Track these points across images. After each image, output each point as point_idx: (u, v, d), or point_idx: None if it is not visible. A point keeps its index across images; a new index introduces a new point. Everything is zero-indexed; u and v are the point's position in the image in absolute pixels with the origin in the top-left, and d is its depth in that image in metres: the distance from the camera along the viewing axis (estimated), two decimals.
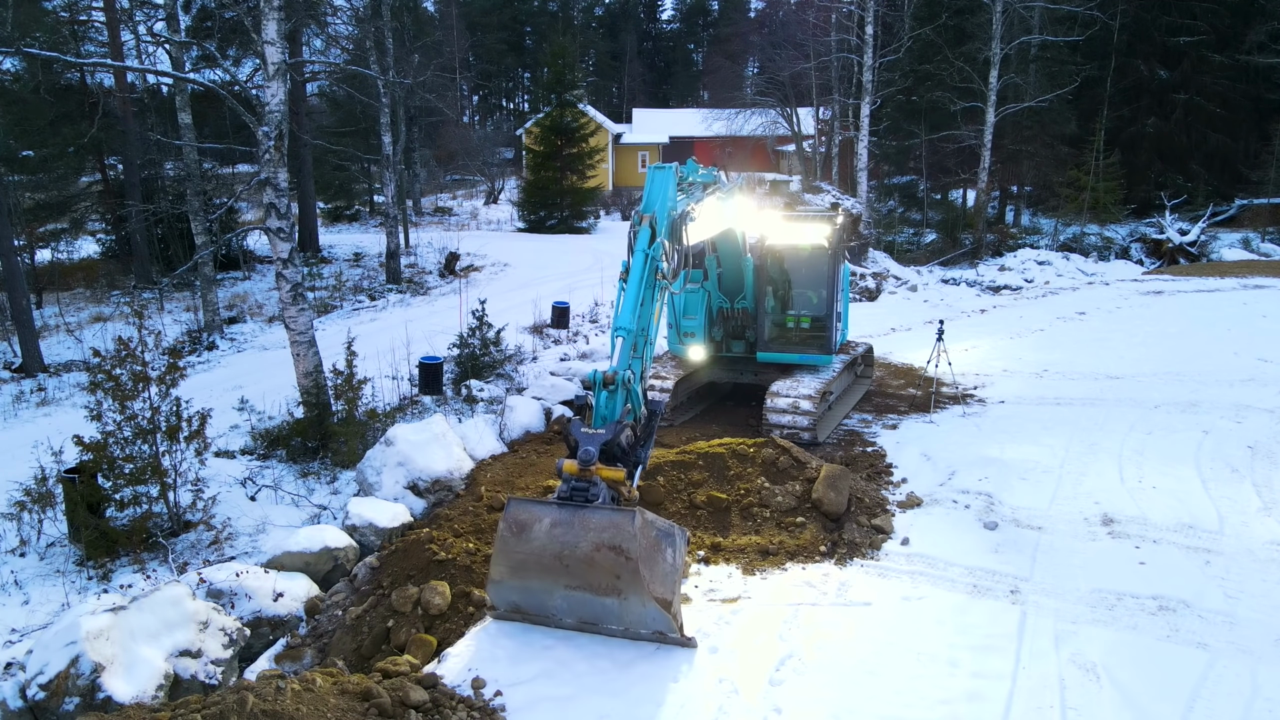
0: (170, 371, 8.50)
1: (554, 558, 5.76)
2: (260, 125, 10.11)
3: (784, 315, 11.52)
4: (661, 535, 5.91)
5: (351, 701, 5.01)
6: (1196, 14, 29.55)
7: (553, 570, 5.81)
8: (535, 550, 5.81)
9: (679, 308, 11.57)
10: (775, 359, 11.29)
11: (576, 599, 5.87)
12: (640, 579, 5.54)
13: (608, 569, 5.62)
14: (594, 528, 5.71)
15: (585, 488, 5.94)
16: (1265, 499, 8.53)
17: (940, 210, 31.73)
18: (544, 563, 5.81)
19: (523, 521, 5.90)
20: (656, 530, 5.87)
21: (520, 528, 5.89)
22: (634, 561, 5.53)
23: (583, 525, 5.74)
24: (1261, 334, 15.55)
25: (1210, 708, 5.46)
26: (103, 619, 5.75)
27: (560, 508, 5.90)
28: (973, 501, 8.59)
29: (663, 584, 5.77)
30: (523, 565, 5.89)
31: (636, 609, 5.72)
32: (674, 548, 5.94)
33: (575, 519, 5.79)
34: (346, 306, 21.76)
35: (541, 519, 5.88)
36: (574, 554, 5.71)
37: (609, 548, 5.62)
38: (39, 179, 24.36)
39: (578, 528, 5.75)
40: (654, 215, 7.21)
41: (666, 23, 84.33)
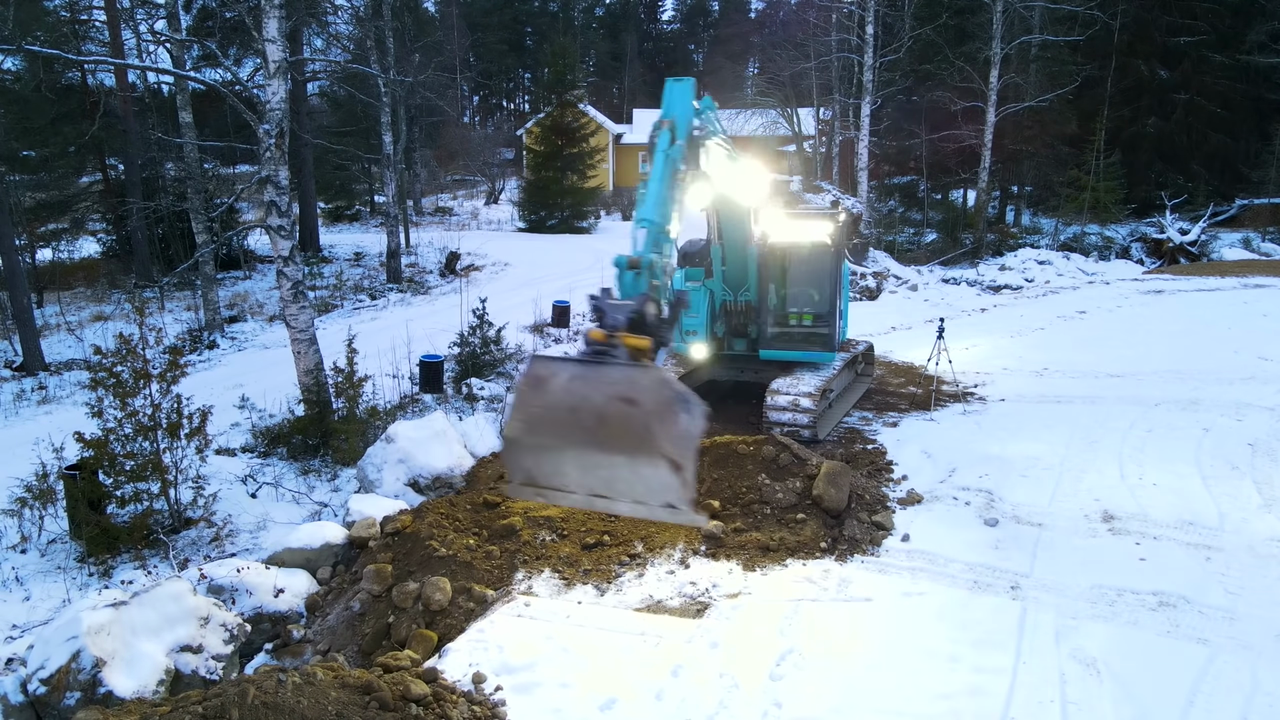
0: (171, 369, 8.50)
1: (568, 411, 5.55)
2: (261, 123, 10.12)
3: (786, 313, 11.50)
4: (679, 398, 5.56)
5: (352, 695, 5.02)
6: (1197, 14, 29.56)
7: (566, 425, 5.59)
8: (550, 404, 5.62)
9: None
10: (778, 357, 11.28)
11: (588, 461, 5.63)
12: (652, 434, 5.32)
13: (620, 422, 5.40)
14: (610, 380, 5.52)
15: (607, 350, 5.79)
16: (1265, 496, 8.53)
17: (940, 210, 31.73)
18: (558, 417, 5.60)
19: (541, 376, 5.68)
20: (674, 391, 5.54)
21: (538, 381, 5.67)
22: (646, 414, 5.32)
23: (599, 379, 5.57)
24: (1262, 332, 15.55)
25: (1210, 703, 5.46)
26: (104, 614, 5.75)
27: (580, 364, 5.74)
28: (973, 498, 8.59)
29: (675, 445, 5.42)
30: (537, 420, 5.68)
31: (646, 471, 5.46)
32: (690, 414, 5.56)
33: (593, 373, 5.61)
34: (347, 305, 21.78)
35: (559, 374, 5.66)
36: (588, 406, 5.49)
37: (623, 399, 5.40)
38: (40, 178, 24.40)
39: (594, 381, 5.57)
40: (674, 120, 7.21)
41: (667, 23, 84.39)
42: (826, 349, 11.09)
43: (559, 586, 7.03)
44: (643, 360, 5.72)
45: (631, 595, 6.90)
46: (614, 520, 7.97)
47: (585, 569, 7.24)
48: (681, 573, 7.18)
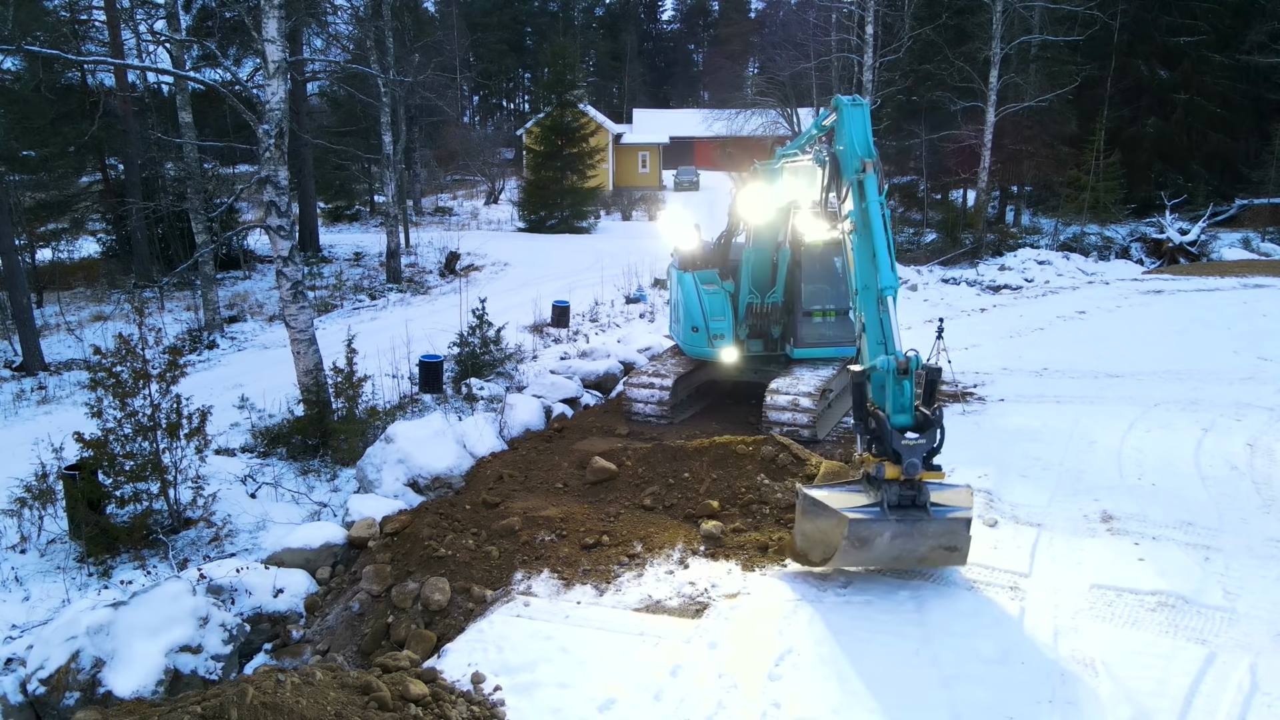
0: (171, 369, 8.49)
1: (892, 560, 6.67)
2: (261, 123, 10.12)
3: (813, 310, 11.42)
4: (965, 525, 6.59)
5: (351, 695, 5.02)
6: (1197, 14, 29.55)
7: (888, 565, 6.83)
8: (874, 557, 6.65)
9: (693, 309, 11.44)
10: (813, 354, 11.24)
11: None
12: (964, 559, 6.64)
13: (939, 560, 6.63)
14: (931, 535, 6.50)
15: (913, 495, 6.54)
16: (1264, 496, 8.53)
17: (940, 210, 31.72)
18: (881, 563, 6.79)
19: (864, 537, 6.51)
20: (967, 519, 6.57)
21: (862, 542, 6.54)
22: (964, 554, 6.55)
23: (921, 534, 6.49)
24: (1261, 333, 15.54)
25: (1209, 703, 5.46)
26: (103, 614, 5.76)
27: (899, 520, 6.46)
28: None
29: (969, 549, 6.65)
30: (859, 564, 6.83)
31: None
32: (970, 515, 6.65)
33: (914, 530, 6.47)
34: (347, 305, 21.79)
35: (883, 533, 6.50)
36: (910, 556, 6.62)
37: (945, 549, 6.55)
38: (40, 178, 24.39)
39: (916, 537, 6.50)
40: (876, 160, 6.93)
41: (667, 23, 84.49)
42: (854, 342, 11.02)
43: (558, 587, 7.04)
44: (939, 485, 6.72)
45: (630, 595, 6.90)
46: (613, 520, 7.98)
47: (584, 569, 7.24)
48: (680, 573, 7.18)
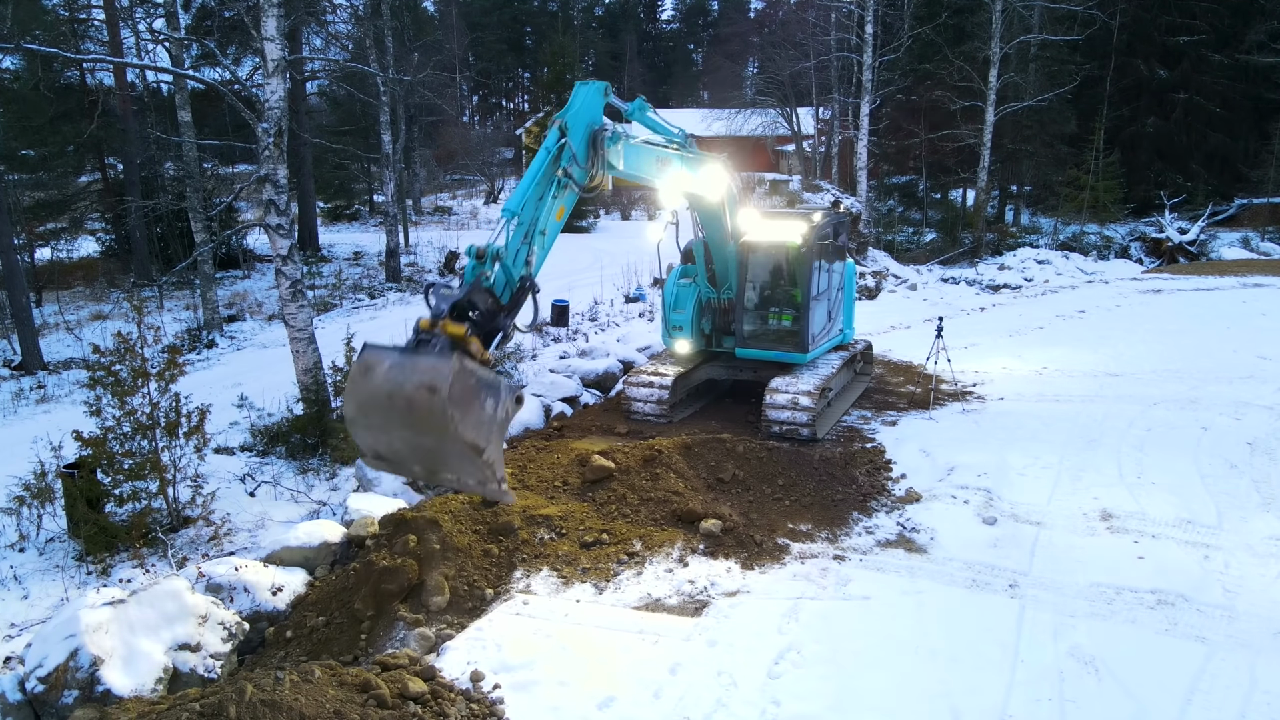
0: (170, 367, 8.48)
1: (386, 396, 5.90)
2: (260, 122, 10.11)
3: (763, 312, 11.51)
4: (483, 384, 5.93)
5: (350, 693, 5.02)
6: (1196, 13, 29.57)
7: (386, 410, 5.95)
8: (373, 389, 5.98)
9: (669, 301, 11.61)
10: (753, 356, 11.31)
11: (411, 442, 5.98)
12: (451, 419, 5.64)
13: (424, 408, 5.73)
14: (418, 369, 5.85)
15: (429, 340, 6.07)
16: (1264, 494, 8.54)
17: (940, 209, 31.73)
18: (379, 402, 5.96)
19: (369, 364, 6.04)
20: (477, 378, 5.90)
21: (366, 369, 6.03)
22: (443, 401, 5.63)
23: (411, 367, 5.89)
24: (1261, 332, 15.57)
25: (1208, 701, 5.46)
26: (102, 613, 5.75)
27: (400, 352, 6.08)
28: (972, 497, 8.60)
29: (475, 429, 5.82)
30: (365, 404, 6.04)
31: (455, 453, 5.82)
32: (496, 399, 5.99)
33: (407, 361, 5.94)
34: (346, 305, 21.78)
35: (383, 362, 6.00)
36: (400, 393, 5.84)
37: (426, 387, 5.73)
38: (39, 177, 24.39)
39: (407, 369, 5.89)
40: (565, 121, 7.35)
41: (666, 23, 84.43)
42: (799, 349, 11.02)
43: (557, 585, 7.03)
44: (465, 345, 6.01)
45: (630, 593, 6.90)
46: (612, 519, 7.98)
47: (584, 567, 7.24)
48: (680, 571, 7.18)
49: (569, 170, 7.29)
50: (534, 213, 6.99)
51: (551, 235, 7.24)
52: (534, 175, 7.13)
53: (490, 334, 6.45)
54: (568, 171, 7.27)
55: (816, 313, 11.13)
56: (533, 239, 6.91)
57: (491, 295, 6.49)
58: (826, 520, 8.15)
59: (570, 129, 7.37)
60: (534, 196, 7.04)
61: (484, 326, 6.39)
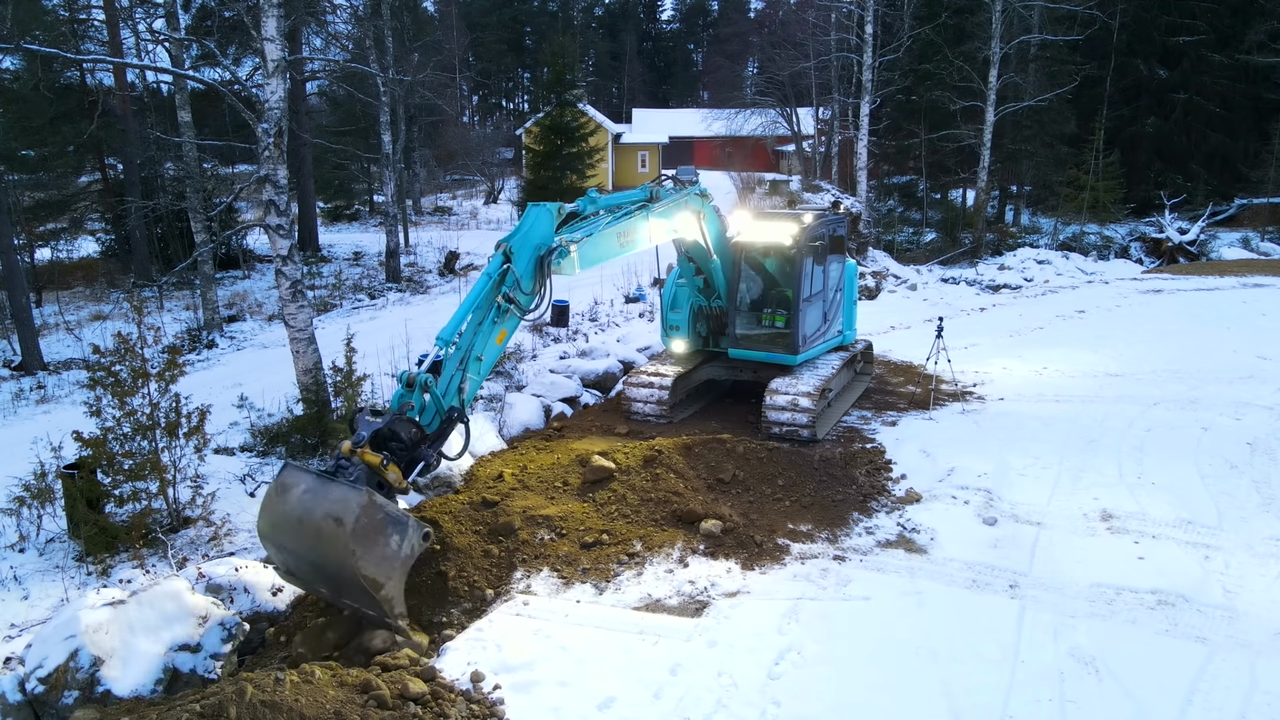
0: (170, 368, 8.47)
1: (296, 521, 5.99)
2: (260, 122, 10.11)
3: (759, 314, 11.51)
4: (390, 521, 5.99)
5: (350, 693, 5.02)
6: (1196, 14, 29.57)
7: (296, 534, 6.02)
8: (285, 511, 6.07)
9: (667, 301, 11.64)
10: (745, 357, 11.32)
11: (318, 566, 6.05)
12: (351, 554, 5.69)
13: (329, 539, 5.79)
14: (329, 499, 5.93)
15: (347, 467, 6.21)
16: (1264, 495, 8.54)
17: (940, 209, 31.72)
18: (289, 525, 6.05)
19: (286, 484, 6.15)
20: (384, 513, 5.96)
21: (283, 489, 6.13)
22: (347, 535, 5.68)
23: (324, 495, 5.97)
24: (1261, 332, 15.56)
25: (1209, 701, 5.46)
26: (102, 613, 5.74)
27: (317, 477, 6.13)
28: (972, 497, 8.60)
29: (377, 566, 5.84)
30: (277, 524, 6.13)
31: (356, 585, 5.84)
32: (403, 536, 6.03)
33: (321, 488, 6.02)
34: (346, 305, 21.78)
35: (299, 485, 6.11)
36: (310, 520, 5.91)
37: (333, 518, 5.80)
38: (39, 178, 24.41)
39: (319, 496, 5.98)
40: (509, 246, 7.26)
41: (666, 23, 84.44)
42: (790, 351, 11.01)
43: (558, 585, 7.03)
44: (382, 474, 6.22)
45: (630, 594, 6.90)
46: (613, 519, 7.98)
47: (584, 568, 7.24)
48: (680, 571, 7.18)
49: (512, 296, 7.14)
50: (470, 339, 6.91)
51: (489, 362, 7.17)
52: (473, 300, 7.01)
53: (412, 462, 6.53)
54: (510, 297, 7.13)
55: (809, 314, 11.10)
56: (468, 366, 6.83)
57: (416, 425, 6.57)
58: (827, 521, 8.15)
59: (515, 254, 7.23)
60: (473, 323, 6.94)
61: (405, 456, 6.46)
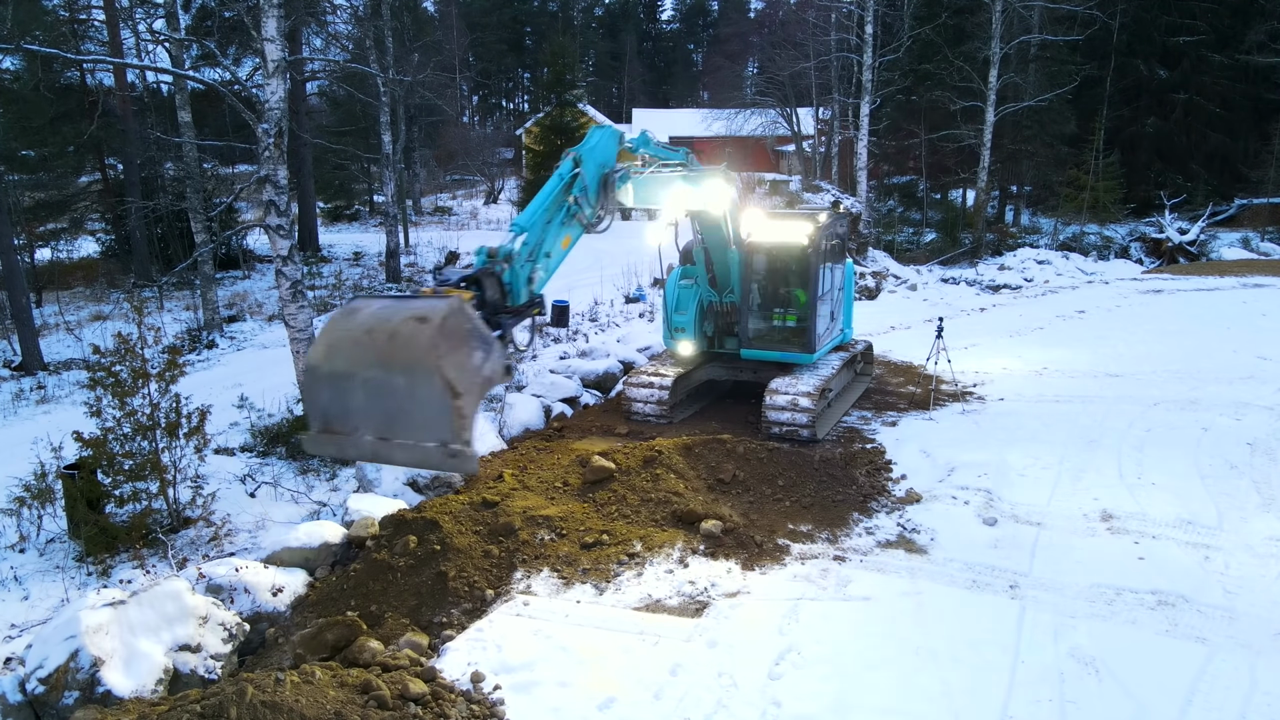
0: (170, 368, 8.48)
1: (365, 331, 5.38)
2: (260, 122, 10.11)
3: (770, 313, 11.51)
4: (478, 336, 5.45)
5: (351, 694, 5.02)
6: (1196, 14, 29.57)
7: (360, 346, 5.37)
8: (352, 325, 5.49)
9: (670, 303, 11.61)
10: (758, 357, 11.31)
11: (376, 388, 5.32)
12: (436, 350, 5.08)
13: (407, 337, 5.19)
14: (410, 306, 5.44)
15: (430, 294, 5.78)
16: (1264, 495, 8.54)
17: (940, 210, 31.72)
18: (354, 337, 5.43)
19: (355, 306, 5.65)
20: (474, 324, 5.46)
21: (351, 311, 5.61)
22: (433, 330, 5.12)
23: (405, 306, 5.48)
24: (1261, 332, 15.56)
25: (1209, 701, 5.46)
26: (102, 614, 5.75)
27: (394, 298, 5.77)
28: (972, 498, 8.60)
29: (460, 374, 5.19)
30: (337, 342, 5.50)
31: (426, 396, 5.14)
32: (488, 354, 5.46)
33: (402, 304, 5.55)
34: None
35: (371, 304, 5.63)
36: (383, 326, 5.32)
37: (416, 317, 5.24)
38: (39, 178, 24.39)
39: (399, 308, 5.46)
40: (580, 155, 7.65)
41: (666, 23, 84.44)
42: (805, 350, 11.04)
43: (558, 586, 7.03)
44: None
45: (630, 594, 6.90)
46: (613, 520, 7.98)
47: (584, 568, 7.24)
48: (680, 572, 7.18)
49: (579, 200, 7.47)
50: (540, 234, 7.09)
51: (556, 260, 7.34)
52: (545, 198, 7.27)
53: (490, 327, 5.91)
54: (578, 200, 7.46)
55: (821, 313, 11.17)
56: (537, 259, 6.98)
57: (500, 285, 6.40)
58: (827, 521, 8.15)
59: (584, 162, 7.62)
60: (542, 220, 7.15)
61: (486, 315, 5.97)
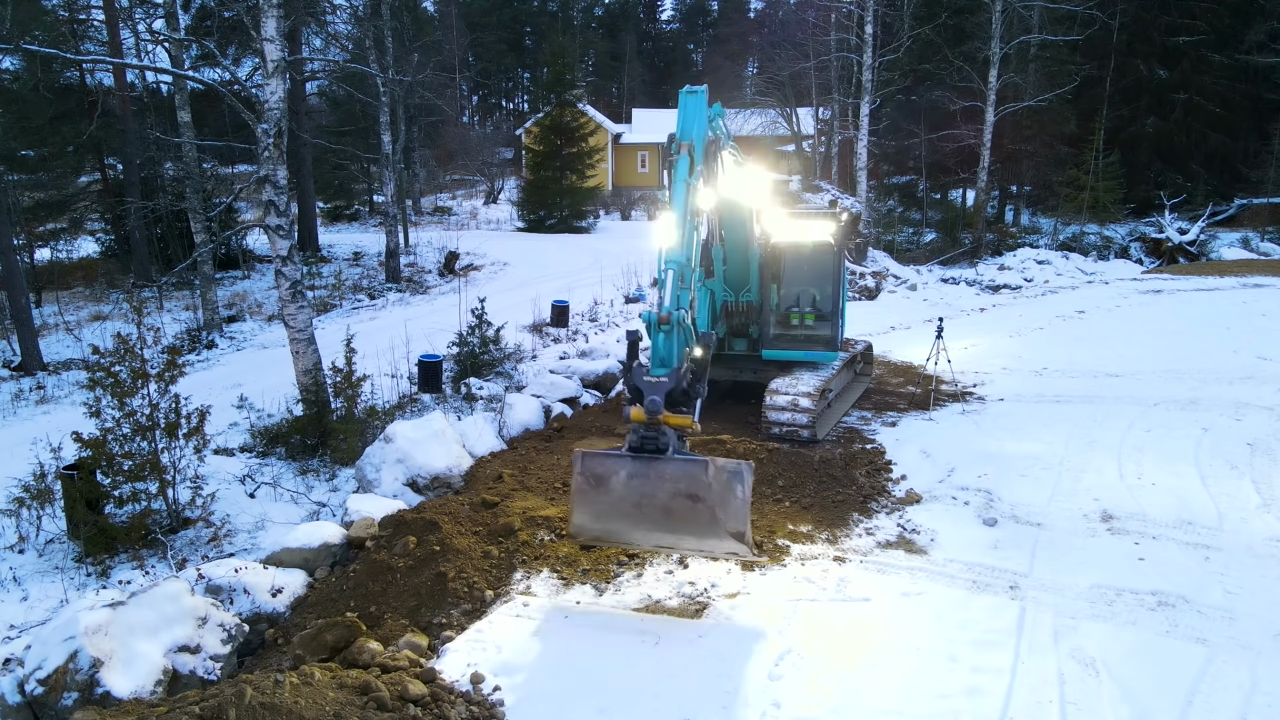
0: (169, 368, 8.47)
1: (632, 506, 6.20)
2: (259, 123, 10.10)
3: (788, 313, 11.51)
4: (731, 476, 6.17)
5: (350, 695, 5.01)
6: (1196, 14, 29.58)
7: (631, 516, 6.25)
8: (613, 501, 6.24)
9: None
10: (781, 357, 11.30)
11: (655, 536, 6.33)
12: (716, 521, 6.04)
13: (684, 514, 6.10)
14: (669, 478, 6.11)
15: (655, 437, 6.23)
16: (1264, 495, 8.53)
17: (940, 210, 31.74)
18: (623, 510, 6.25)
19: (598, 475, 6.26)
20: (727, 473, 6.15)
21: (596, 481, 6.26)
22: (710, 508, 6.01)
23: (658, 476, 6.12)
24: (1261, 332, 15.56)
25: (1209, 702, 5.45)
26: (101, 614, 5.73)
27: (634, 459, 6.20)
28: (972, 498, 8.59)
29: (734, 519, 6.14)
30: (602, 514, 6.32)
31: (712, 540, 6.24)
32: (743, 484, 6.20)
33: (650, 470, 6.14)
34: (346, 305, 21.77)
35: (617, 471, 6.22)
36: (652, 503, 6.14)
37: (685, 496, 6.06)
38: (38, 178, 24.41)
39: (653, 479, 6.13)
40: (692, 143, 7.07)
41: (666, 23, 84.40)
42: (829, 349, 11.11)
43: (557, 586, 7.02)
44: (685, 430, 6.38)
45: (630, 595, 6.89)
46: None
47: (584, 569, 7.23)
48: (680, 572, 7.17)
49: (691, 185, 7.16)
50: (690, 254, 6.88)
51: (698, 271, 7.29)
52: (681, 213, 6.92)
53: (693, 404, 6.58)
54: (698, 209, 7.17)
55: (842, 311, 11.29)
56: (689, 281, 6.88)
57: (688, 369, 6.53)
58: (827, 521, 8.14)
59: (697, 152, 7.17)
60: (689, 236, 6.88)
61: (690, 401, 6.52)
